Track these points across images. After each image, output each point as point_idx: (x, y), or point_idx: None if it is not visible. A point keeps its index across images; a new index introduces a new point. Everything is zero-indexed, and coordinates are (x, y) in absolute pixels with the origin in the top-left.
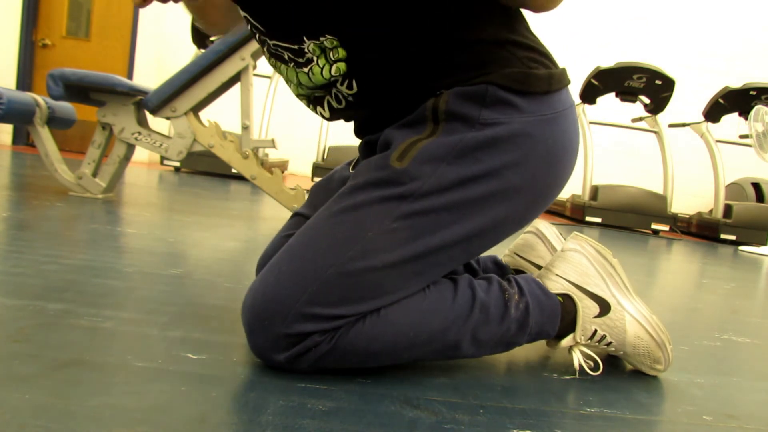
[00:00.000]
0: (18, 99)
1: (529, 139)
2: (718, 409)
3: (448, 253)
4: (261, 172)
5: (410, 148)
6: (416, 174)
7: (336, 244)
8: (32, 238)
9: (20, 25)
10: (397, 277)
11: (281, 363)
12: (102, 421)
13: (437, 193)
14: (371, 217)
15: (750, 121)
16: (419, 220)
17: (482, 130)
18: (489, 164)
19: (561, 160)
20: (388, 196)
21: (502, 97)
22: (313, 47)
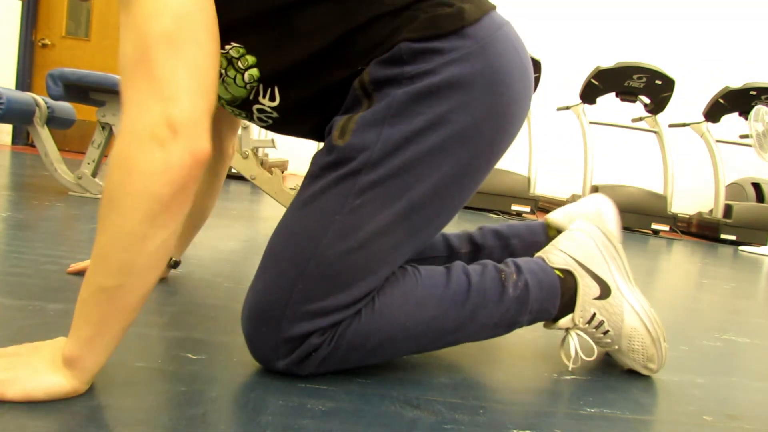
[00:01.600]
0: (18, 99)
1: (469, 75)
2: (718, 409)
3: (423, 214)
4: (261, 172)
5: (348, 123)
6: (361, 145)
7: (307, 237)
8: (32, 238)
9: (20, 24)
10: (377, 252)
11: (285, 370)
12: (102, 421)
13: (389, 157)
14: (332, 200)
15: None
16: (381, 189)
17: (412, 84)
18: (432, 113)
19: (507, 83)
20: (342, 175)
21: (418, 48)
22: (220, 59)
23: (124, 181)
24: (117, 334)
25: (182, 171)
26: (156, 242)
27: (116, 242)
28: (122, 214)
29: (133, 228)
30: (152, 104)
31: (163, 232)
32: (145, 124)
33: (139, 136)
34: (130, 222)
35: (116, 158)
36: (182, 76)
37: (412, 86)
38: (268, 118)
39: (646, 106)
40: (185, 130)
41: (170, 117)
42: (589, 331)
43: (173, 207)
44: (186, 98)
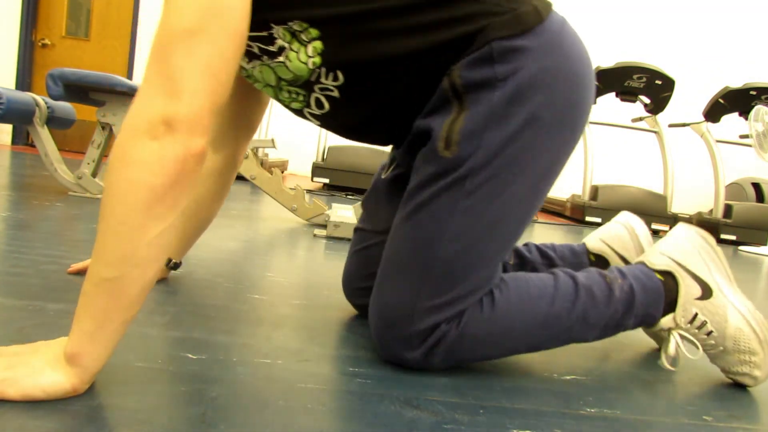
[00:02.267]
0: (18, 99)
1: (548, 72)
2: (718, 409)
3: (525, 206)
4: (261, 172)
5: (450, 133)
6: (466, 154)
7: (426, 241)
8: (32, 238)
9: (20, 24)
10: (489, 244)
11: (418, 360)
12: (102, 421)
13: (492, 159)
14: (444, 205)
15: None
16: (487, 189)
17: (504, 85)
18: (525, 112)
19: (581, 75)
20: (450, 182)
21: (506, 47)
22: (283, 32)
23: (120, 171)
24: (118, 328)
25: (176, 164)
26: (153, 233)
27: (115, 233)
28: (119, 203)
29: (128, 217)
30: (157, 98)
31: (160, 223)
32: (146, 116)
33: (138, 127)
34: (126, 211)
35: (116, 149)
36: (192, 75)
37: (504, 88)
38: (327, 99)
39: (646, 106)
40: (182, 127)
41: (170, 113)
42: (691, 332)
43: (168, 199)
44: (189, 97)
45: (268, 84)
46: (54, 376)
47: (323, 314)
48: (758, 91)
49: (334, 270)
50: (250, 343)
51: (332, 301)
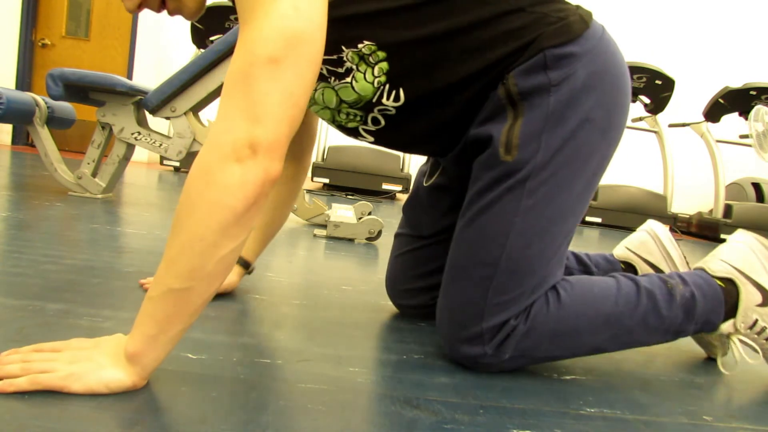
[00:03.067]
0: (17, 99)
1: (597, 75)
2: (718, 409)
3: (582, 202)
4: None
5: (510, 138)
6: (527, 157)
7: (491, 241)
8: (32, 238)
9: (20, 24)
10: (552, 240)
11: (489, 356)
12: (102, 421)
13: (551, 159)
14: (507, 206)
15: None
16: (547, 188)
17: (558, 91)
18: (579, 114)
19: (622, 76)
20: (512, 185)
21: (558, 54)
22: (352, 55)
23: (203, 191)
24: (178, 334)
25: (256, 188)
26: (225, 251)
27: (189, 247)
28: (198, 221)
29: (205, 235)
30: (241, 122)
31: (233, 242)
32: (230, 139)
33: (223, 149)
34: (204, 229)
35: (198, 167)
36: (275, 101)
37: (559, 93)
38: (384, 117)
39: (646, 106)
40: (264, 152)
41: (254, 138)
42: (751, 337)
43: (244, 220)
44: (272, 123)
45: (326, 107)
46: (116, 372)
47: (323, 314)
48: (758, 91)
49: (334, 270)
50: (250, 343)
51: (332, 301)
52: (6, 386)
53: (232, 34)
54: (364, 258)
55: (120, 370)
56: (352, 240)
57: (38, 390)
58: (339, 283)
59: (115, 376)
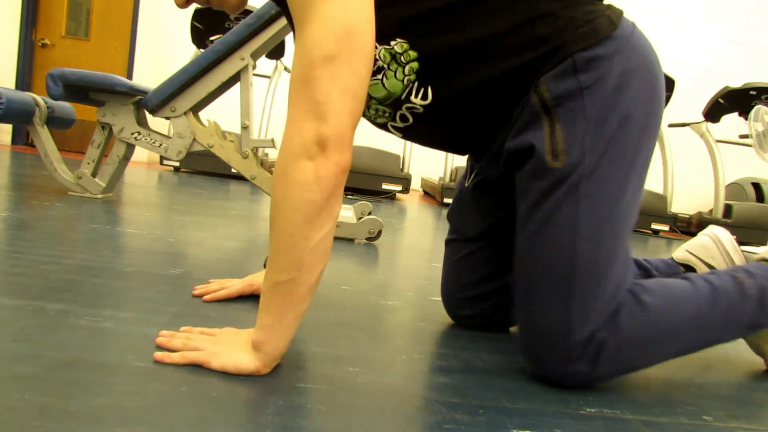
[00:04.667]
0: (17, 99)
1: (629, 73)
2: (718, 409)
3: (635, 197)
4: (261, 172)
5: (555, 145)
6: (575, 161)
7: (558, 254)
8: (32, 238)
9: (20, 24)
10: (619, 239)
11: (584, 372)
12: (102, 421)
13: (599, 161)
14: (566, 214)
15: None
16: (602, 188)
17: (592, 93)
18: (617, 114)
19: (656, 72)
20: (566, 191)
21: (587, 57)
22: (384, 53)
23: (285, 191)
24: (293, 322)
25: (330, 180)
26: (315, 240)
27: (283, 243)
28: (286, 219)
29: (294, 230)
30: (307, 123)
31: (320, 231)
32: (300, 140)
33: (295, 151)
34: (291, 226)
35: (277, 171)
36: (335, 98)
37: (593, 95)
38: (412, 115)
39: None
40: (333, 146)
41: (321, 135)
42: None
43: (326, 209)
44: (336, 118)
45: None
46: (244, 357)
47: (323, 314)
48: (758, 91)
49: (334, 270)
50: None
51: (332, 301)
52: (163, 357)
53: (232, 34)
54: (364, 258)
55: (247, 356)
56: (352, 240)
57: (183, 365)
58: (339, 283)
59: (243, 359)
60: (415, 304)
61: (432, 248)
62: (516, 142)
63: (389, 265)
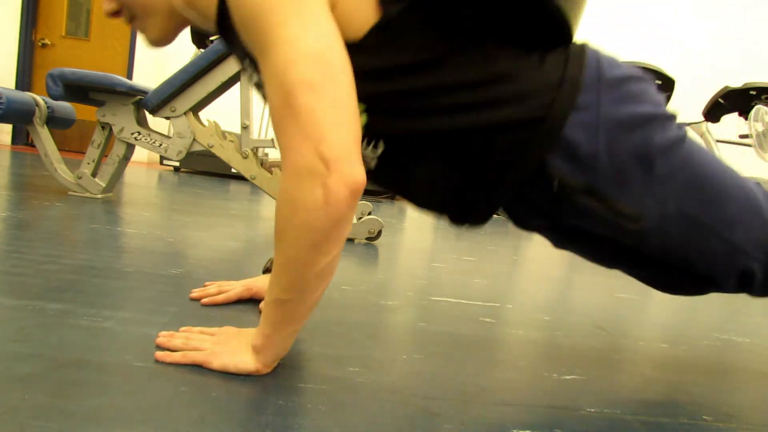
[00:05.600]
0: (17, 99)
1: (612, 115)
2: (718, 409)
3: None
4: (261, 171)
5: (619, 215)
6: (645, 215)
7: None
8: (32, 238)
9: (20, 24)
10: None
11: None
12: (102, 421)
13: (667, 201)
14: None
15: (750, 121)
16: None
17: (597, 157)
18: (634, 155)
19: (629, 78)
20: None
21: (570, 142)
22: None
23: (291, 217)
24: (291, 333)
25: (340, 204)
26: (320, 266)
27: (287, 266)
28: (290, 244)
29: (299, 256)
30: (303, 146)
31: (326, 257)
32: (302, 165)
33: (300, 176)
34: (296, 251)
35: (283, 197)
36: (325, 114)
37: (600, 157)
38: (367, 163)
39: None
40: (337, 163)
41: (322, 154)
42: None
43: (333, 236)
44: (332, 134)
45: None
46: (245, 357)
47: (323, 314)
48: (758, 91)
49: None
50: None
51: (332, 301)
52: (164, 357)
53: None
54: (364, 258)
55: (248, 357)
56: (352, 240)
57: (184, 364)
58: (339, 283)
59: (244, 359)
60: (415, 304)
61: (432, 248)
62: (577, 223)
63: (389, 265)
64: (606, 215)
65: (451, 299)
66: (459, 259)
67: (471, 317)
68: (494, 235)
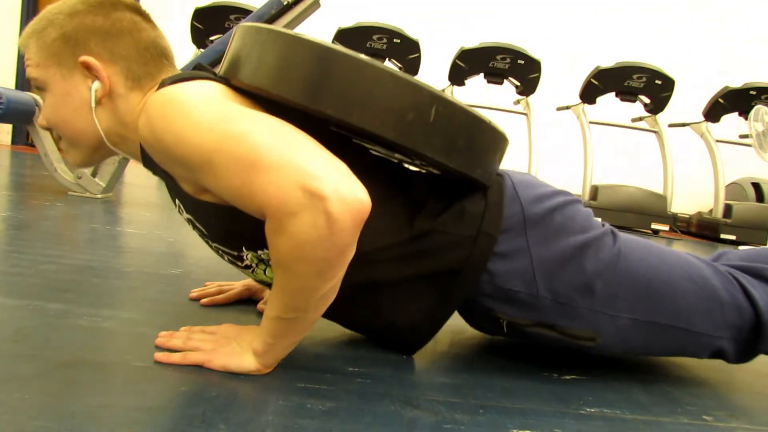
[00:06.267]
0: (17, 98)
1: (537, 223)
2: (718, 409)
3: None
4: None
5: (580, 337)
6: (610, 329)
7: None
8: (32, 238)
9: (20, 24)
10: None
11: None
12: (102, 421)
13: (613, 297)
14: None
15: (750, 121)
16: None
17: (546, 277)
18: (582, 277)
19: (542, 194)
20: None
21: (499, 287)
22: (251, 257)
23: (292, 252)
24: (292, 343)
25: (345, 232)
26: (325, 290)
27: (291, 293)
28: (295, 275)
29: (305, 285)
30: (289, 186)
31: (331, 282)
32: (295, 204)
33: (294, 213)
34: (302, 281)
35: (280, 237)
36: (287, 145)
37: (549, 280)
38: None
39: (646, 105)
40: (331, 185)
41: (307, 185)
42: None
43: (339, 262)
44: (306, 158)
45: None
46: (247, 358)
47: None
48: (758, 91)
49: None
50: None
51: None
52: (164, 358)
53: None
54: None
55: (249, 358)
56: None
57: (186, 365)
58: None
59: (245, 359)
60: None
61: None
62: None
63: None
64: (562, 339)
65: None
66: None
67: None
68: None
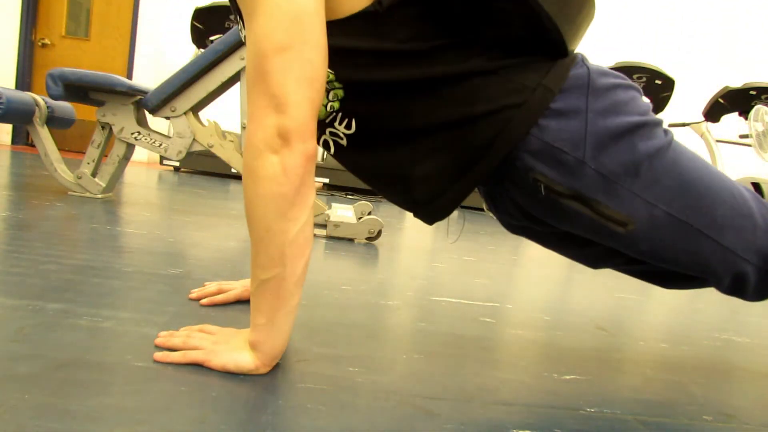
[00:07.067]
0: (17, 98)
1: (600, 113)
2: (718, 409)
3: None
4: None
5: (608, 220)
6: (633, 214)
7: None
8: (32, 238)
9: (20, 24)
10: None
11: None
12: (102, 421)
13: (643, 192)
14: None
15: (750, 121)
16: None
17: (584, 166)
18: (629, 155)
19: (613, 82)
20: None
21: (537, 141)
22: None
23: (255, 188)
24: (286, 318)
25: (297, 170)
26: (293, 232)
27: (262, 240)
28: (260, 216)
29: (270, 225)
30: (267, 117)
31: (297, 223)
32: (262, 136)
33: (258, 147)
34: (267, 221)
35: (244, 169)
36: (291, 89)
37: (587, 168)
38: (334, 144)
39: None
40: (296, 137)
41: (282, 127)
42: None
43: (299, 200)
44: (295, 109)
45: None
46: (245, 356)
47: (323, 314)
48: (758, 91)
49: (333, 270)
50: None
51: (332, 301)
52: (164, 357)
53: (231, 34)
54: (364, 258)
55: (247, 355)
56: (352, 240)
57: (184, 364)
58: (339, 283)
59: (243, 357)
60: (415, 304)
61: (432, 248)
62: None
63: (389, 265)
64: (594, 220)
65: (451, 299)
66: (459, 259)
67: (471, 317)
68: (494, 235)
